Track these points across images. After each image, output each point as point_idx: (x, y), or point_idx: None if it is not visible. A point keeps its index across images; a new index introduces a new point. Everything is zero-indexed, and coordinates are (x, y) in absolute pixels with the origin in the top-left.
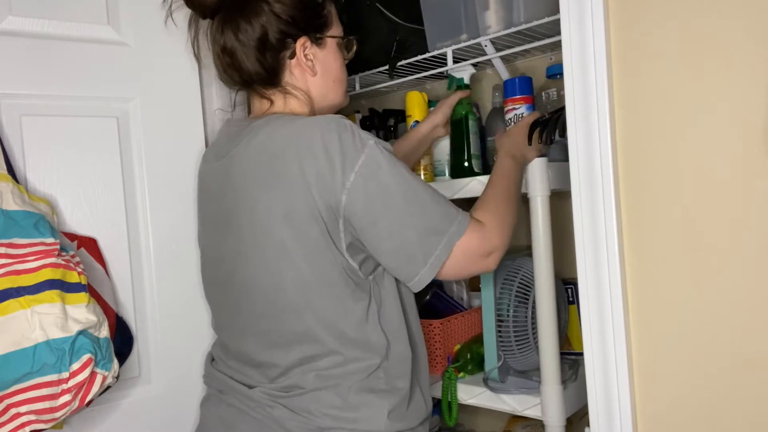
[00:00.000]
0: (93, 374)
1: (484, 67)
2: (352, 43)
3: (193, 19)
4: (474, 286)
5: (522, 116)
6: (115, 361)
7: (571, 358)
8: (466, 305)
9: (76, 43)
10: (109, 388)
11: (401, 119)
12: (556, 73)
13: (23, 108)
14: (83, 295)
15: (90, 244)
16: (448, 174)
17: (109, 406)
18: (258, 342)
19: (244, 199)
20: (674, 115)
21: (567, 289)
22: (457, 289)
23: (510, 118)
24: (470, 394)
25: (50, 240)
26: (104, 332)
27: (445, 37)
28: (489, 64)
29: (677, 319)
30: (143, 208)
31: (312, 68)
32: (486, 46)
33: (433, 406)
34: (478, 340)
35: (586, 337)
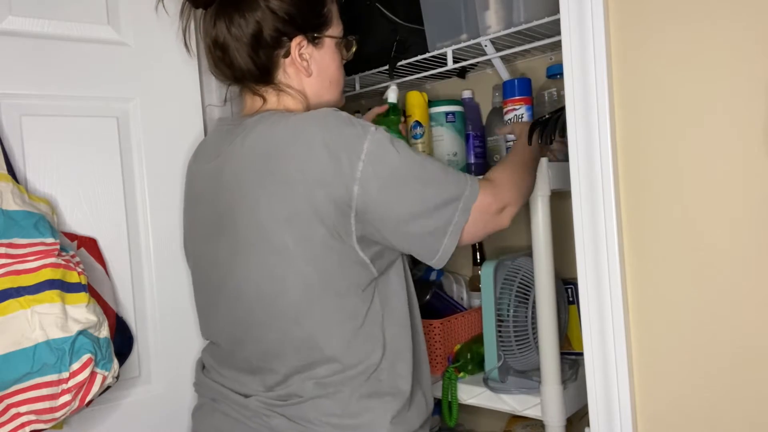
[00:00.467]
0: (93, 374)
1: (483, 67)
2: (351, 44)
3: (185, 7)
4: (474, 286)
5: (522, 117)
6: (115, 361)
7: (571, 358)
8: (466, 305)
9: (76, 43)
10: (109, 388)
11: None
12: (556, 73)
13: (23, 108)
14: (83, 295)
15: (90, 244)
16: None
17: (109, 406)
18: (254, 349)
19: (240, 201)
20: (674, 115)
21: (567, 289)
22: (457, 289)
23: (510, 119)
24: (470, 394)
25: (50, 240)
26: (104, 332)
27: (445, 37)
28: (489, 64)
29: (677, 319)
30: (143, 208)
31: (307, 68)
32: (486, 46)
33: (434, 406)
34: (478, 340)
35: (586, 337)
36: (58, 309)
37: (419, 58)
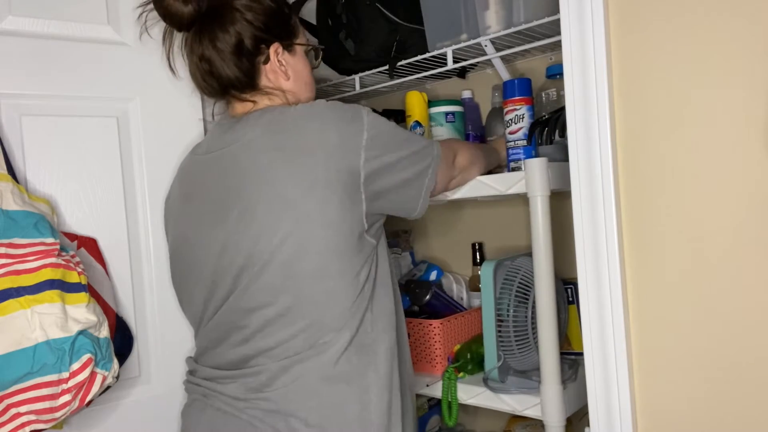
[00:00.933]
0: (93, 374)
1: (483, 67)
2: (318, 53)
3: (167, 32)
4: (474, 286)
5: (522, 117)
6: (115, 361)
7: (571, 358)
8: (466, 305)
9: (76, 43)
10: (109, 388)
11: (401, 119)
12: (556, 73)
13: (23, 108)
14: (83, 295)
15: (90, 244)
16: None
17: (109, 406)
18: (247, 336)
19: (252, 179)
20: (674, 115)
21: (567, 289)
22: (457, 289)
23: (510, 119)
24: (470, 394)
25: (50, 240)
26: (104, 332)
27: (445, 37)
28: (489, 64)
29: (677, 319)
30: (143, 208)
31: (285, 72)
32: (486, 46)
33: (433, 406)
34: (478, 340)
35: (586, 337)
36: (58, 309)
37: (419, 58)
